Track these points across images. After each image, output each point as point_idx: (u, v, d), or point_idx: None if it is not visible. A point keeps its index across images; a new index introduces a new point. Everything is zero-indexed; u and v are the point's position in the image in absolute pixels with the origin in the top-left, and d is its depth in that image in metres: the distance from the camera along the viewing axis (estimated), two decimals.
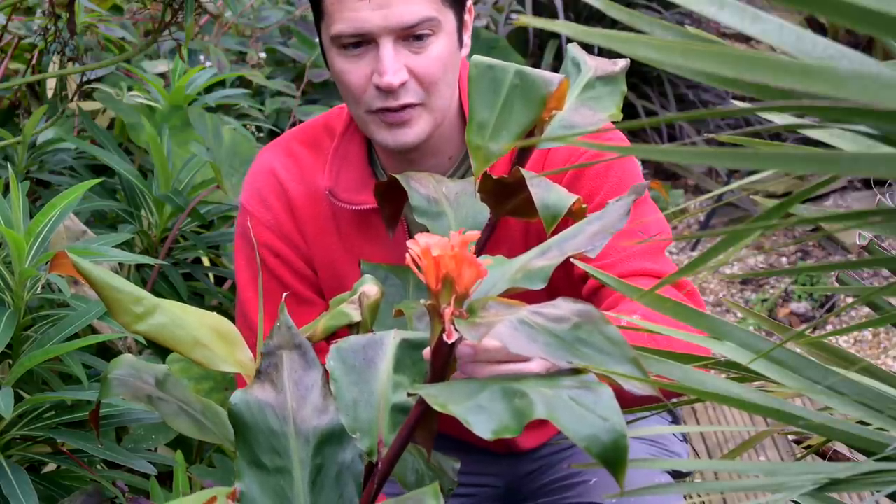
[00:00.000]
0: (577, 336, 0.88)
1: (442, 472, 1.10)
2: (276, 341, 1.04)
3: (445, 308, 0.92)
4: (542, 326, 0.89)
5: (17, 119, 2.43)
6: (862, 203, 3.99)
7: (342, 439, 1.00)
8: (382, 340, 1.03)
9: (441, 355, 0.96)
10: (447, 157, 1.55)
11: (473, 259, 0.91)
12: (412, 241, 0.93)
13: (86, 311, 1.60)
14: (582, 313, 0.89)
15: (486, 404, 0.86)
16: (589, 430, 0.82)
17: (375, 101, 1.46)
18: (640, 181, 1.52)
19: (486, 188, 1.28)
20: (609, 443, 0.81)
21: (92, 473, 1.61)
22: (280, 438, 1.00)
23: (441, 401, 0.87)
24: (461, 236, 0.91)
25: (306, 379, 1.03)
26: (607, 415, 0.83)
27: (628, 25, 0.69)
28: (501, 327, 0.89)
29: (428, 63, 1.45)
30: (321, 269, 1.60)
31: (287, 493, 0.98)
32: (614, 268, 1.43)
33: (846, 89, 0.57)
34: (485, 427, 0.84)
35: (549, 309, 0.91)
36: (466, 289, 0.92)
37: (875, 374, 0.94)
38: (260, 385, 1.01)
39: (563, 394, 0.86)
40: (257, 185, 1.61)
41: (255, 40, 3.10)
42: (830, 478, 0.79)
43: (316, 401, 1.02)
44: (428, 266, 0.92)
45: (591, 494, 1.61)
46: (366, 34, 1.44)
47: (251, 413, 1.00)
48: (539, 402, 0.85)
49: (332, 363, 0.99)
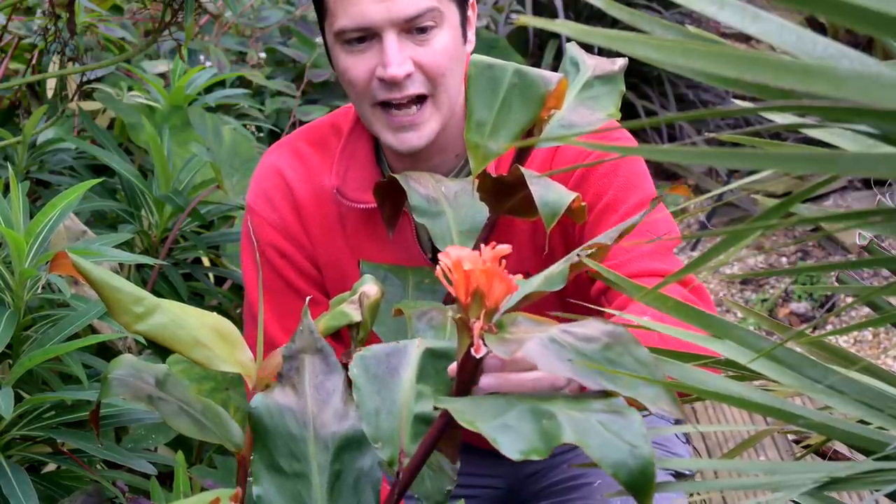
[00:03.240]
0: (606, 357, 0.87)
1: (442, 472, 1.10)
2: (298, 344, 1.03)
3: (475, 322, 0.91)
4: (572, 345, 0.88)
5: (17, 119, 2.43)
6: (862, 203, 3.99)
7: (361, 445, 0.99)
8: (406, 349, 1.02)
9: (468, 369, 0.95)
10: (454, 154, 1.55)
11: (504, 274, 0.91)
12: (443, 253, 0.92)
13: (86, 311, 1.60)
14: (612, 334, 0.89)
15: (514, 424, 0.85)
16: (617, 456, 0.81)
17: (380, 92, 1.46)
18: (647, 181, 1.52)
19: (485, 187, 1.28)
20: (637, 470, 0.81)
21: (92, 473, 1.61)
22: (299, 443, 0.99)
23: (468, 417, 0.86)
24: (493, 251, 0.91)
25: (327, 383, 1.02)
26: (636, 441, 0.82)
27: (628, 25, 0.69)
28: (531, 344, 0.88)
29: (433, 54, 1.45)
30: (326, 268, 1.60)
31: (305, 498, 0.98)
32: (623, 268, 1.42)
33: (846, 89, 0.57)
34: (512, 447, 0.83)
35: (579, 328, 0.90)
36: (496, 303, 0.91)
37: (875, 373, 0.94)
38: (280, 388, 1.01)
39: (593, 418, 0.85)
40: (263, 185, 1.61)
41: (255, 40, 3.10)
42: (830, 477, 0.79)
43: (337, 406, 1.01)
44: (458, 279, 0.91)
45: (594, 496, 1.61)
46: (369, 27, 1.44)
47: (271, 417, 0.99)
48: (567, 425, 0.84)
49: (356, 371, 0.98)
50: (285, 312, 1.56)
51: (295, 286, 1.59)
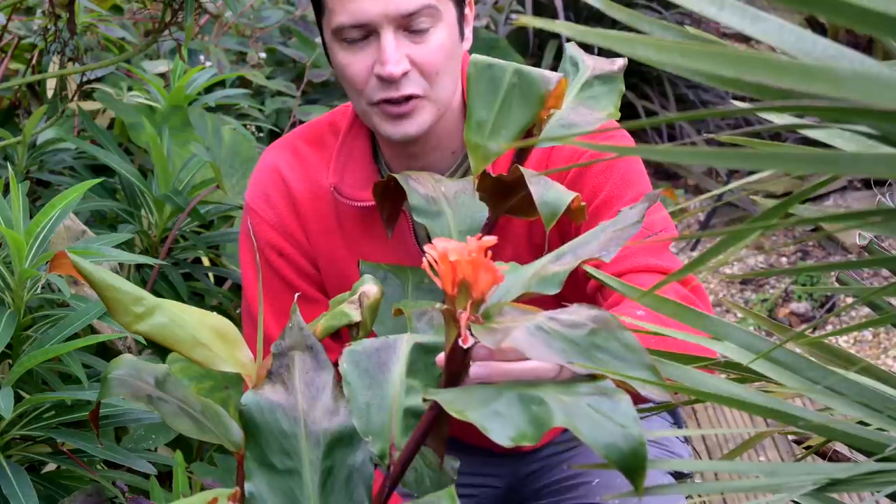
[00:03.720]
0: (593, 342, 0.87)
1: (441, 471, 1.10)
2: (288, 342, 1.03)
3: (461, 313, 0.92)
4: (559, 332, 0.88)
5: (17, 119, 2.43)
6: (862, 203, 3.99)
7: (352, 441, 1.00)
8: (396, 344, 1.02)
9: (456, 360, 0.96)
10: (450, 151, 1.55)
11: (490, 264, 0.91)
12: (429, 245, 0.93)
13: (86, 311, 1.60)
14: (598, 319, 0.89)
15: (504, 410, 0.86)
16: (608, 438, 0.81)
17: (377, 91, 1.46)
18: (643, 178, 1.52)
19: (485, 187, 1.28)
20: (628, 451, 0.81)
21: (92, 473, 1.61)
22: (290, 440, 0.99)
23: (458, 407, 0.86)
24: (478, 242, 0.91)
25: (318, 380, 1.02)
26: (625, 422, 0.82)
27: (628, 25, 0.69)
28: (518, 333, 0.88)
29: (429, 52, 1.45)
30: (325, 267, 1.60)
31: (297, 494, 0.98)
32: (618, 264, 1.43)
33: (846, 89, 0.57)
34: (502, 433, 0.84)
35: (565, 315, 0.90)
36: (483, 294, 0.92)
37: (875, 374, 0.94)
38: (271, 386, 1.01)
39: (582, 401, 0.85)
40: (262, 184, 1.62)
41: (255, 40, 3.10)
42: (830, 478, 0.79)
43: (327, 402, 1.01)
44: (444, 271, 0.91)
45: (593, 495, 1.61)
46: (366, 24, 1.44)
47: (262, 414, 0.99)
48: (557, 409, 0.84)
49: (346, 366, 0.98)
50: (284, 311, 1.56)
51: (293, 285, 1.59)
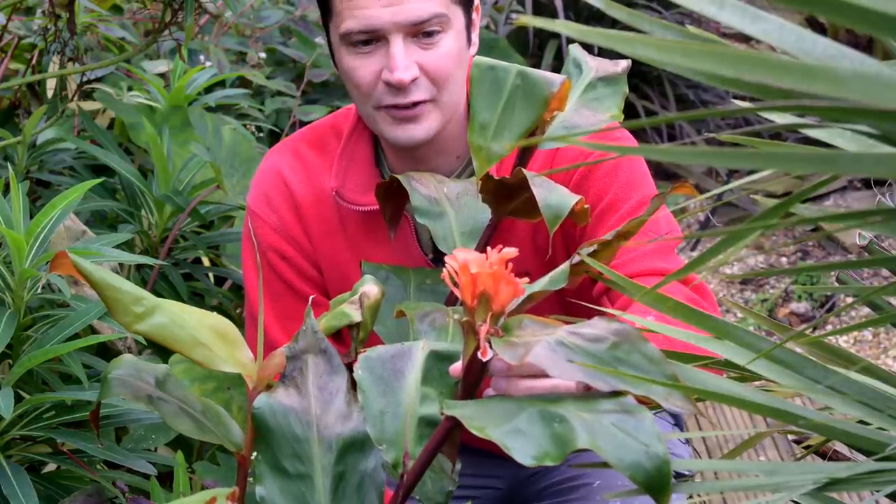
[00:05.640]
0: (615, 356, 0.87)
1: (442, 473, 1.10)
2: (301, 345, 1.02)
3: (481, 325, 0.91)
4: (580, 347, 0.87)
5: (17, 119, 2.43)
6: (862, 203, 3.99)
7: (365, 447, 0.99)
8: (411, 351, 1.01)
9: (474, 372, 0.95)
10: (455, 156, 1.55)
11: (511, 277, 0.90)
12: (450, 256, 0.92)
13: (86, 311, 1.60)
14: (619, 332, 0.88)
15: (525, 428, 0.85)
16: (633, 456, 0.81)
17: (385, 97, 1.46)
18: (648, 181, 1.52)
19: (488, 189, 1.28)
20: (653, 470, 0.80)
21: (92, 473, 1.61)
22: (303, 444, 0.98)
23: (478, 423, 0.86)
24: (499, 254, 0.91)
25: (331, 384, 1.01)
26: (649, 441, 0.82)
27: (628, 25, 0.69)
28: (539, 348, 0.87)
29: (438, 59, 1.45)
30: (327, 270, 1.60)
31: (308, 499, 0.97)
32: (625, 267, 1.42)
33: (846, 89, 0.57)
34: (524, 452, 0.83)
35: (586, 329, 0.89)
36: (503, 307, 0.91)
37: (875, 373, 0.94)
38: (284, 389, 1.00)
39: (604, 419, 0.84)
40: (264, 187, 1.61)
41: (255, 40, 3.10)
42: (830, 477, 0.79)
43: (340, 407, 1.00)
44: (465, 283, 0.91)
45: (594, 496, 1.60)
46: (376, 31, 1.44)
47: (275, 418, 0.99)
48: (580, 427, 0.83)
49: (361, 373, 0.97)
50: (286, 314, 1.56)
51: (295, 288, 1.59)
